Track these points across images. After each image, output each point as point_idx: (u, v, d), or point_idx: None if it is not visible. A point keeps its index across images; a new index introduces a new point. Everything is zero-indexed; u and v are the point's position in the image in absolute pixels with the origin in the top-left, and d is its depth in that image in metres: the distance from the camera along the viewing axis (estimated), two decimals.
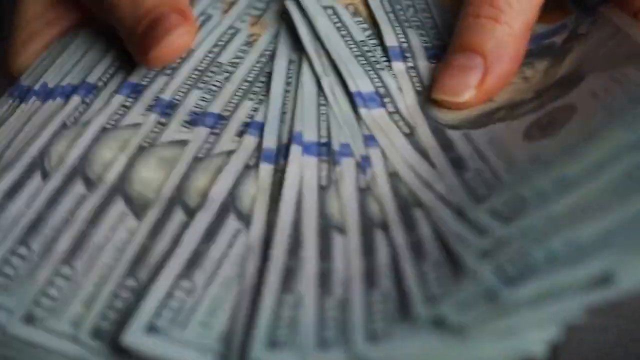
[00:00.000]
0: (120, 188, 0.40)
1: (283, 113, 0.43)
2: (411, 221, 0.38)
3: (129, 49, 0.45)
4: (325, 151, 0.41)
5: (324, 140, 0.42)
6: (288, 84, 0.45)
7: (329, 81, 0.45)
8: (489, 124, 0.42)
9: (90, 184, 0.40)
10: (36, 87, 0.45)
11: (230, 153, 0.42)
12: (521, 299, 0.32)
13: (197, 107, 0.44)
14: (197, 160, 0.41)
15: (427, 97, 0.44)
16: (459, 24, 0.44)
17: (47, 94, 0.45)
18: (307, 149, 0.41)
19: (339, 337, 0.33)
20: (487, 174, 0.39)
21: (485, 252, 0.34)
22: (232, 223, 0.38)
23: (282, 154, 0.41)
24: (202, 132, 0.42)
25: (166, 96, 0.44)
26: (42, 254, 0.38)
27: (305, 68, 0.45)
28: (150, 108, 0.44)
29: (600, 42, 0.42)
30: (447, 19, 0.47)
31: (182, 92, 0.44)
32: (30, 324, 0.35)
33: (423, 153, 0.41)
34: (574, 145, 0.37)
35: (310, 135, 0.42)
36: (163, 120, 0.43)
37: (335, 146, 0.42)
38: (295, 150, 0.41)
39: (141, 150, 0.41)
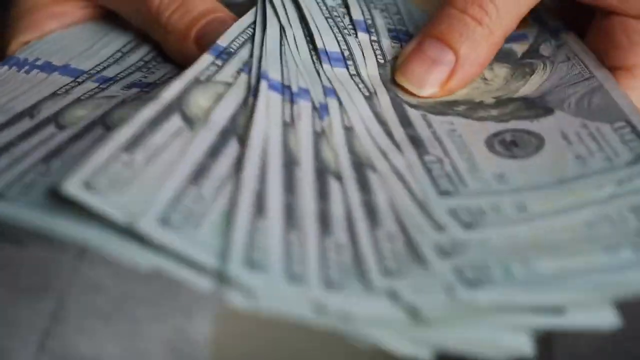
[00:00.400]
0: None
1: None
2: (365, 182, 0.39)
3: (172, 51, 0.47)
4: (288, 92, 0.43)
5: (286, 83, 0.43)
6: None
7: (292, 32, 0.46)
8: (447, 114, 0.44)
9: (148, 98, 0.41)
10: (39, 63, 0.47)
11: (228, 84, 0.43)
12: (478, 302, 0.35)
13: None
14: (198, 81, 0.42)
15: (390, 73, 0.45)
16: (441, 10, 0.45)
17: (52, 70, 0.47)
18: (272, 86, 0.42)
19: (300, 273, 0.35)
20: (448, 166, 0.41)
21: (444, 251, 0.37)
22: (234, 145, 0.39)
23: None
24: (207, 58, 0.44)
25: None
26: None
27: (269, 13, 0.46)
28: None
29: (570, 80, 0.45)
30: (410, 10, 0.49)
31: None
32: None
33: (382, 122, 0.43)
34: (542, 185, 0.39)
35: (274, 74, 0.43)
36: None
37: (294, 88, 0.43)
38: (263, 84, 0.42)
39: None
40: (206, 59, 0.43)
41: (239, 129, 0.40)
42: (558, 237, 0.37)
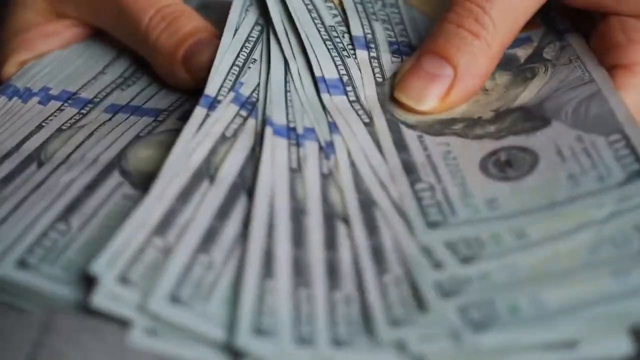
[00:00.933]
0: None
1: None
2: (372, 222, 0.39)
3: (161, 71, 0.47)
4: (294, 135, 0.42)
5: (292, 124, 0.43)
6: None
7: (296, 66, 0.45)
8: (445, 134, 0.43)
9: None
10: (35, 90, 0.47)
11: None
12: (485, 346, 0.34)
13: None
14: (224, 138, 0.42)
15: (388, 91, 0.45)
16: (437, 27, 0.45)
17: (48, 98, 0.47)
18: (277, 131, 0.42)
19: (309, 334, 0.35)
20: (439, 194, 0.40)
21: (445, 291, 0.36)
22: (243, 202, 0.39)
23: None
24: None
25: None
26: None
27: (273, 50, 0.46)
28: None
29: (569, 84, 0.44)
30: (414, 17, 0.48)
31: None
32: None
33: (380, 148, 0.42)
34: (535, 209, 0.39)
35: (279, 119, 0.43)
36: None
37: (300, 130, 0.42)
38: (268, 131, 0.42)
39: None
40: (232, 110, 0.43)
41: (247, 182, 0.40)
42: (561, 265, 0.36)
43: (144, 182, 0.40)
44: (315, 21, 0.47)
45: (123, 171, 0.41)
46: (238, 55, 0.45)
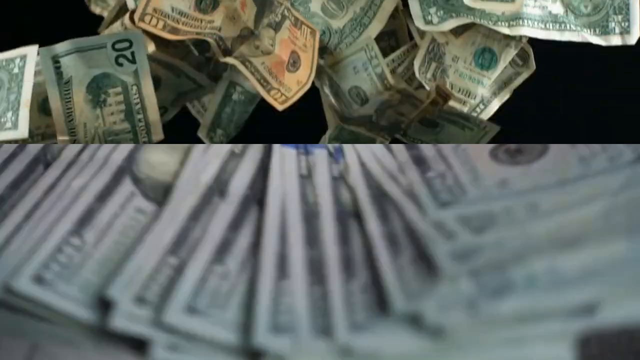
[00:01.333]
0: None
1: None
2: (384, 212, 0.39)
3: None
4: (302, 145, 0.43)
5: None
6: None
7: None
8: None
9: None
10: None
11: None
12: (502, 314, 0.33)
13: None
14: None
15: None
16: None
17: None
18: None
19: (326, 326, 0.34)
20: (450, 180, 0.40)
21: (459, 255, 0.36)
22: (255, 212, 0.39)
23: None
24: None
25: None
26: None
27: None
28: None
29: None
30: None
31: None
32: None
33: (389, 147, 0.42)
34: (546, 186, 0.39)
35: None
36: None
37: None
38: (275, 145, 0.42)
39: None
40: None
41: (258, 194, 0.40)
42: (576, 232, 0.36)
43: (156, 191, 0.40)
44: None
45: (134, 178, 0.41)
46: None
